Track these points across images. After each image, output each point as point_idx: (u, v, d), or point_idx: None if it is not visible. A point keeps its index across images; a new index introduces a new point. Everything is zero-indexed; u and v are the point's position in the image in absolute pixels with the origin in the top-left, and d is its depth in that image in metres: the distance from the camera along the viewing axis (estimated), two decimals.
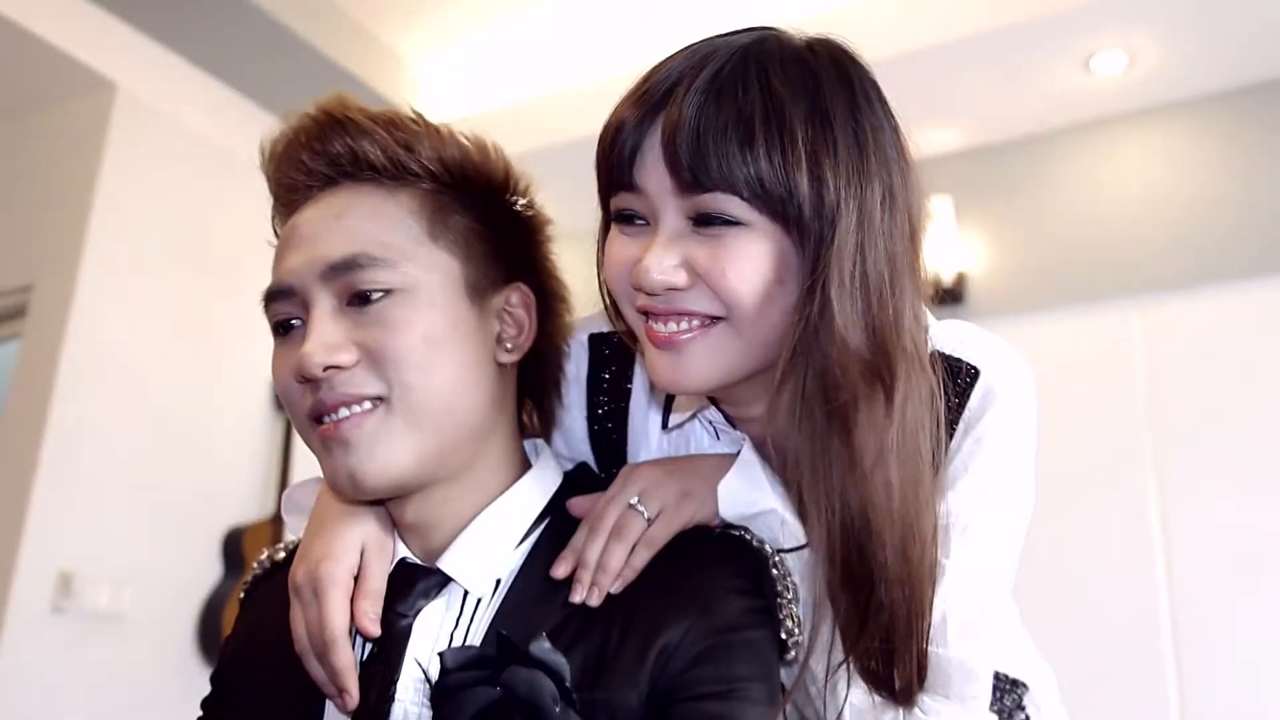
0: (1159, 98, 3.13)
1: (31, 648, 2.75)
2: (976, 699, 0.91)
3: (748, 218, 0.81)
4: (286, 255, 0.87)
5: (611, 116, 0.87)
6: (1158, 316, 2.98)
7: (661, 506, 0.89)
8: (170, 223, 3.24)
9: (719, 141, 0.79)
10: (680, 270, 0.83)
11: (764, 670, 0.84)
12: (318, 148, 0.89)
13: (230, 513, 3.28)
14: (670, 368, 0.85)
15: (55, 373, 2.89)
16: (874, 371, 0.82)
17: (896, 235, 0.84)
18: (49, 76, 3.12)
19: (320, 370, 0.81)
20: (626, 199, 0.86)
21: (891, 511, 0.83)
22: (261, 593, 1.02)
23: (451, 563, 0.87)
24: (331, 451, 0.83)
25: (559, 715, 0.66)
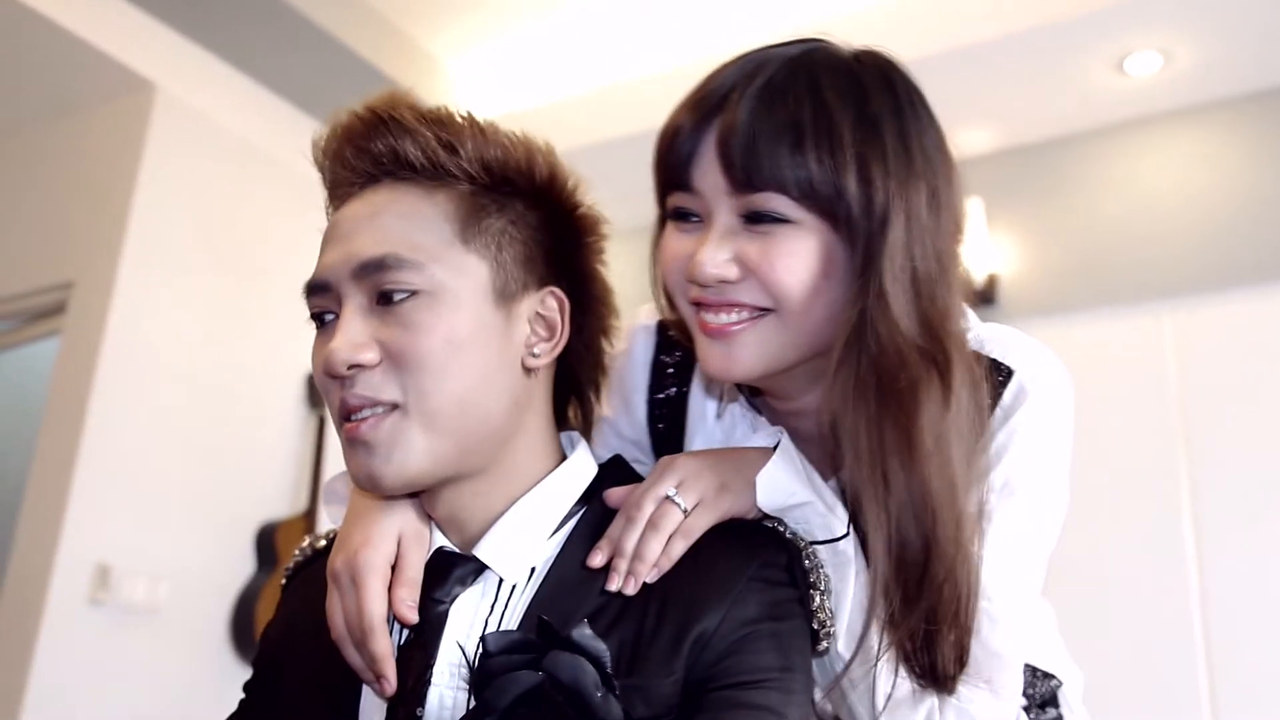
0: (1193, 98, 3.11)
1: (70, 639, 2.79)
2: (1008, 687, 0.92)
3: (796, 216, 0.87)
4: (326, 250, 0.89)
5: (668, 122, 0.93)
6: (1190, 319, 2.96)
7: (699, 498, 0.91)
8: (208, 221, 3.28)
9: (771, 145, 0.85)
10: (732, 264, 0.88)
11: (798, 660, 0.85)
12: (362, 145, 0.91)
13: (264, 508, 3.32)
14: (721, 356, 0.91)
15: (94, 369, 2.94)
16: (930, 357, 0.87)
17: (942, 234, 0.90)
18: (90, 78, 3.16)
19: (344, 368, 0.83)
20: (682, 198, 0.92)
21: (946, 494, 0.86)
22: (302, 579, 1.03)
23: (487, 550, 0.89)
24: (354, 450, 0.85)
25: (600, 700, 0.67)
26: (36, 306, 3.28)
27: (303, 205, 3.58)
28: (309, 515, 3.35)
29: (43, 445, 2.98)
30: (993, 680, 0.91)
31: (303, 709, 0.92)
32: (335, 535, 1.03)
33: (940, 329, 0.88)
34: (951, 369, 0.88)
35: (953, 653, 0.88)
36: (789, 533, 0.91)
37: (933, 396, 0.87)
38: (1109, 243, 3.17)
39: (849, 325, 0.87)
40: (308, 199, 3.89)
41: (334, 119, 0.93)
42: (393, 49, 3.39)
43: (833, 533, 0.92)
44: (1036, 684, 1.10)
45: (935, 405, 0.87)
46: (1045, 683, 1.11)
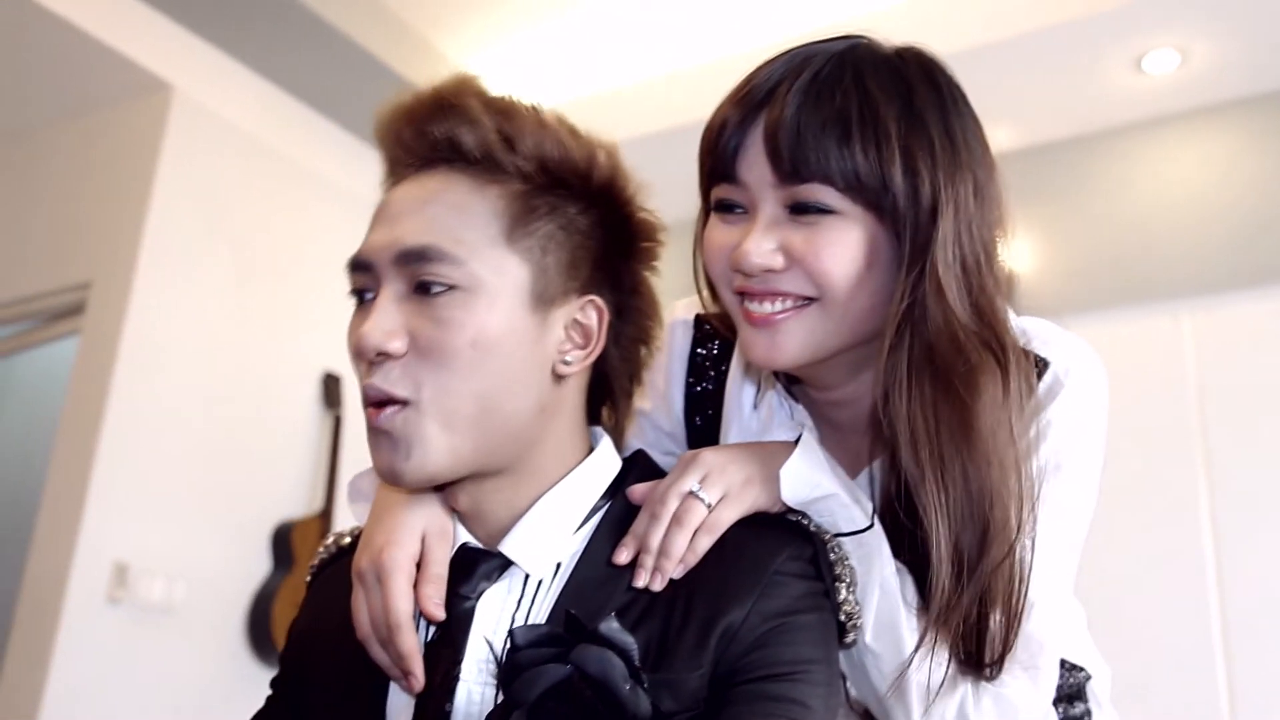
0: (1210, 97, 3.10)
1: (88, 637, 2.81)
2: (1047, 674, 0.93)
3: (841, 207, 0.88)
4: (374, 229, 0.89)
5: (714, 116, 0.95)
6: (1209, 318, 2.95)
7: (723, 493, 0.90)
8: (225, 221, 3.29)
9: (818, 137, 0.87)
10: (777, 254, 0.90)
11: (824, 653, 0.85)
12: (421, 128, 0.90)
13: (280, 508, 3.32)
14: (765, 345, 0.92)
15: (112, 368, 2.95)
16: (986, 343, 0.89)
17: (987, 225, 0.92)
18: (107, 79, 3.18)
19: (372, 354, 0.83)
20: (727, 190, 0.94)
21: (1002, 478, 0.88)
22: (327, 576, 1.03)
23: (512, 546, 0.89)
24: (377, 441, 0.85)
25: (629, 693, 0.67)
26: (55, 307, 3.30)
27: (319, 207, 3.60)
28: (325, 515, 3.35)
29: (61, 445, 2.99)
30: (1032, 667, 0.92)
31: (330, 706, 0.92)
32: (359, 532, 1.03)
33: (992, 315, 0.91)
34: (1009, 355, 0.90)
35: (1000, 636, 0.89)
36: (813, 526, 0.91)
37: (991, 382, 0.89)
38: (1127, 241, 3.16)
39: (899, 312, 0.89)
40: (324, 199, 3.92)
41: (399, 97, 0.92)
42: (408, 49, 3.39)
43: (857, 525, 0.92)
44: (1065, 676, 1.10)
45: (994, 390, 0.89)
46: (1074, 675, 1.10)
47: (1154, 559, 2.84)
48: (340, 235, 3.63)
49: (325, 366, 3.53)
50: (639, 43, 3.38)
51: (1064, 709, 1.09)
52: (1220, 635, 2.72)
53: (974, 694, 0.91)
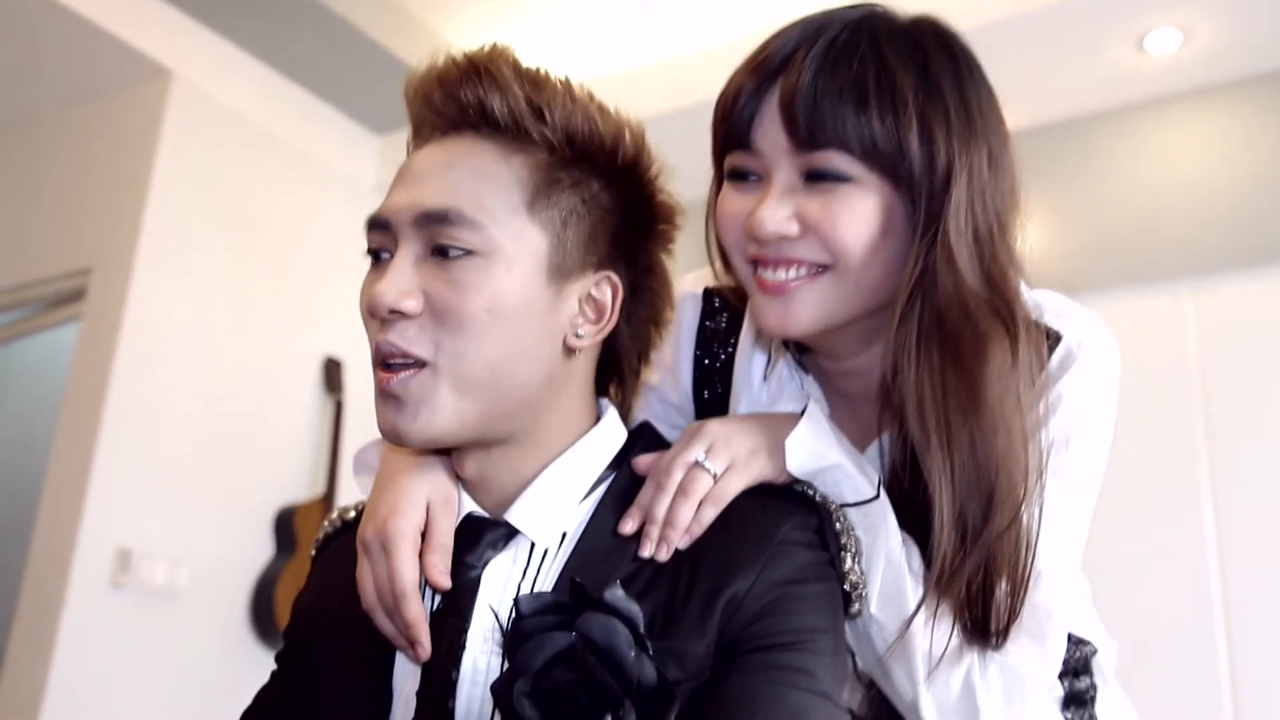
0: (1213, 76, 3.08)
1: (92, 622, 2.81)
2: (1054, 644, 0.93)
3: (857, 174, 0.88)
4: (395, 189, 0.88)
5: (729, 83, 0.94)
6: (1211, 298, 2.94)
7: (729, 463, 0.90)
8: (225, 206, 3.29)
9: (835, 104, 0.87)
10: (792, 221, 0.90)
11: (830, 622, 0.85)
12: (451, 91, 0.89)
13: (282, 492, 3.33)
14: (778, 313, 0.92)
15: (113, 354, 2.95)
16: (995, 311, 0.89)
17: (1000, 195, 0.92)
18: (107, 65, 3.17)
19: (385, 311, 0.83)
20: (741, 158, 0.93)
21: (1009, 446, 0.88)
22: (332, 550, 1.03)
23: (518, 515, 0.89)
24: (384, 402, 0.85)
25: (634, 660, 0.67)
26: (56, 293, 3.30)
27: (319, 192, 3.59)
28: (327, 499, 3.36)
29: (63, 430, 2.99)
30: (1039, 636, 0.92)
31: (337, 677, 0.92)
32: (364, 506, 1.02)
33: (1003, 284, 0.91)
34: (1018, 323, 0.90)
35: (1006, 605, 0.89)
36: (819, 496, 0.91)
37: (1000, 350, 0.89)
38: (1129, 222, 3.15)
39: (911, 279, 0.89)
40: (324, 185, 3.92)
41: (433, 59, 0.92)
42: (409, 34, 3.38)
43: (862, 495, 0.92)
44: (1071, 650, 1.10)
45: (1002, 358, 0.89)
46: (1080, 649, 1.11)
47: (1156, 539, 2.84)
48: (340, 220, 3.64)
49: (326, 351, 3.53)
50: (640, 26, 3.36)
51: (1070, 682, 1.09)
52: (1222, 616, 2.72)
53: (980, 664, 0.91)
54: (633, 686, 0.67)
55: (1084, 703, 1.10)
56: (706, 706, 0.77)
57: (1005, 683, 0.91)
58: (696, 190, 0.98)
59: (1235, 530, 2.77)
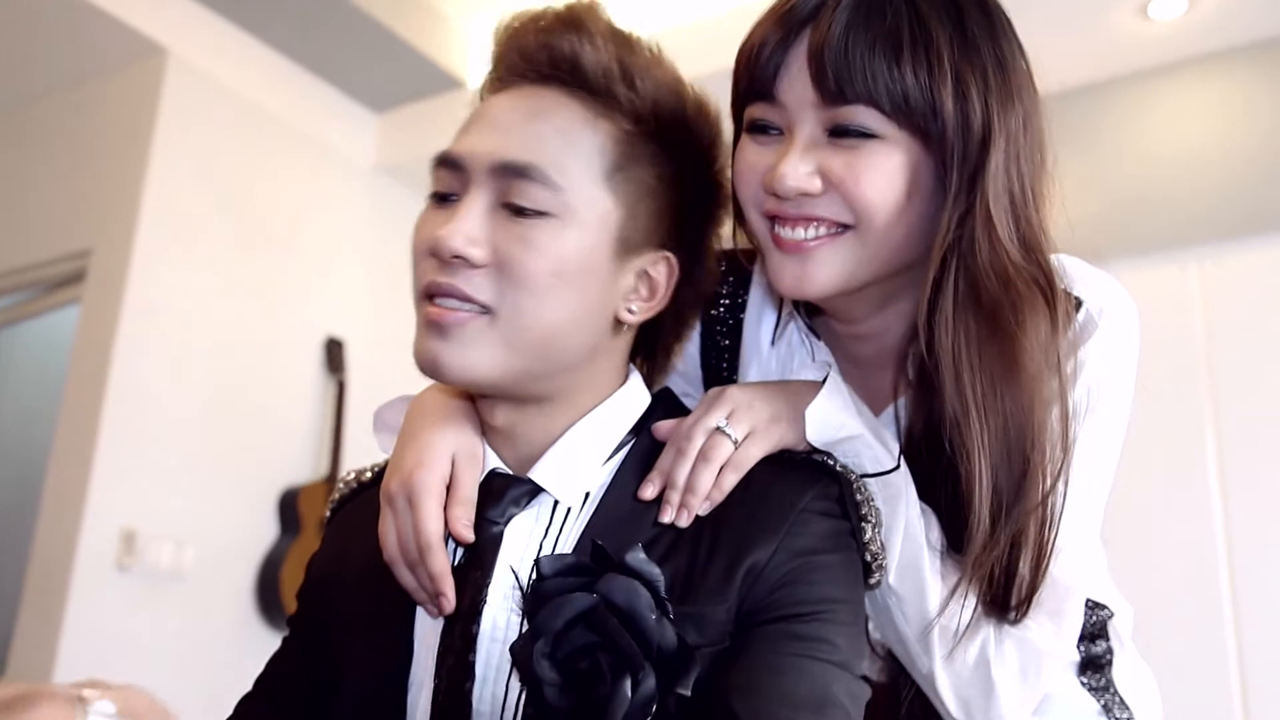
0: (1219, 43, 3.06)
1: (98, 604, 2.81)
2: (1068, 616, 0.92)
3: (884, 131, 0.86)
4: (472, 131, 0.87)
5: (753, 33, 0.91)
6: (1217, 267, 2.93)
7: (749, 429, 0.89)
8: (223, 186, 3.27)
9: (866, 57, 0.84)
10: (814, 177, 0.87)
11: (850, 592, 0.84)
12: (545, 40, 0.88)
13: (286, 473, 3.33)
14: (795, 273, 0.90)
15: (114, 336, 2.94)
16: (1033, 280, 0.87)
17: (1034, 161, 0.90)
18: (102, 44, 3.15)
19: (449, 255, 0.82)
20: (763, 110, 0.91)
21: (1044, 417, 0.87)
22: (349, 510, 1.03)
23: (542, 473, 0.88)
24: (428, 332, 0.84)
25: (654, 623, 0.66)
26: (56, 275, 3.28)
27: (319, 170, 3.57)
28: (330, 479, 3.36)
29: (66, 413, 2.99)
30: (1056, 612, 0.91)
31: (358, 634, 0.91)
32: (379, 467, 1.04)
33: (1040, 252, 0.88)
34: (1056, 291, 0.88)
35: (1028, 579, 0.88)
36: (839, 465, 0.90)
37: (1039, 319, 0.87)
38: (1134, 191, 3.13)
39: (944, 245, 0.86)
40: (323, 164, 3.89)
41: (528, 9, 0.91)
42: (406, 9, 3.35)
43: (882, 465, 0.91)
44: (1088, 615, 1.09)
45: (1042, 328, 0.87)
46: (1097, 613, 1.10)
47: (1161, 508, 2.83)
48: (340, 200, 3.62)
49: (328, 331, 3.52)
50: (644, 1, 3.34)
51: (1086, 646, 1.09)
52: (1227, 585, 2.72)
53: (996, 638, 0.90)
54: (653, 649, 0.67)
55: (1100, 667, 1.09)
56: (726, 675, 0.77)
57: (1021, 657, 0.91)
58: None
59: (1241, 499, 2.76)
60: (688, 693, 0.70)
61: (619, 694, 0.64)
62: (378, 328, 3.65)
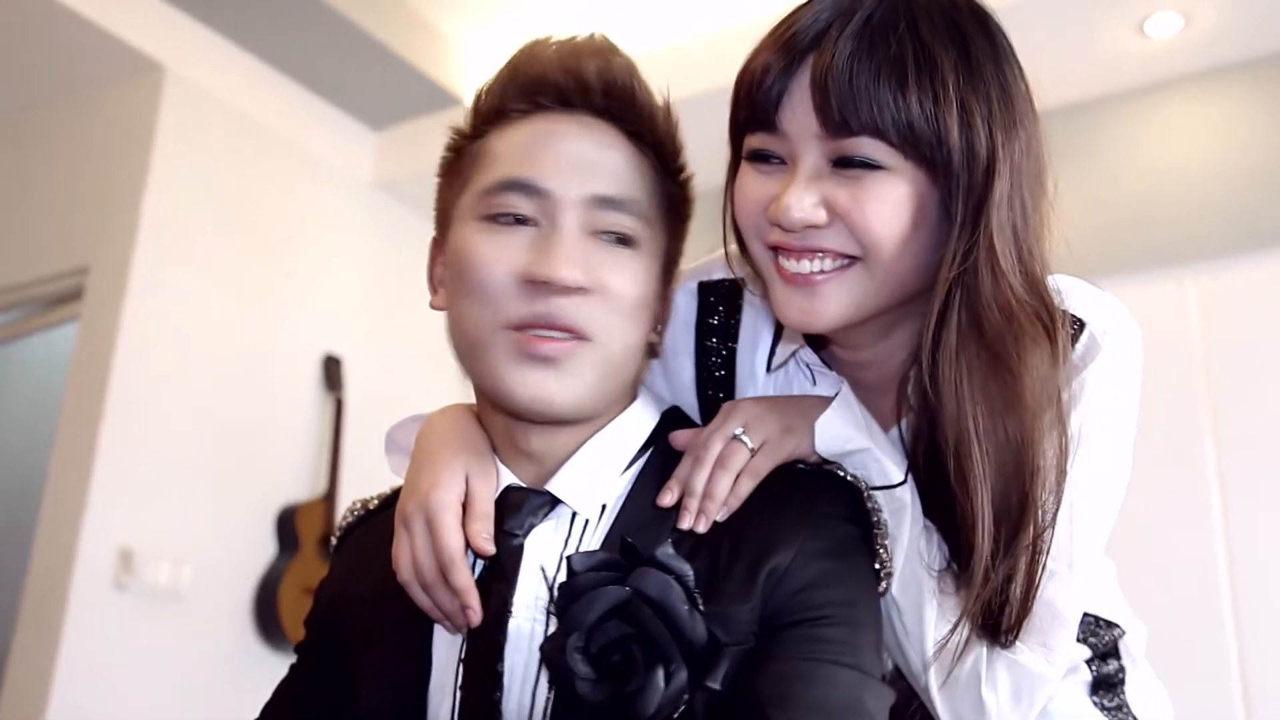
0: (1215, 60, 3.08)
1: (95, 623, 2.79)
2: (1061, 647, 0.92)
3: (890, 162, 0.84)
4: (547, 161, 0.88)
5: (753, 60, 0.89)
6: (1214, 284, 2.94)
7: (764, 439, 0.91)
8: (221, 202, 3.27)
9: (871, 87, 0.82)
10: (819, 209, 0.85)
11: (869, 595, 0.86)
12: (605, 74, 0.91)
13: (284, 492, 3.31)
14: (802, 307, 0.89)
15: (112, 353, 2.93)
16: (1036, 314, 0.86)
17: (1037, 187, 0.89)
18: (99, 60, 3.15)
19: (560, 286, 0.84)
20: (764, 139, 0.89)
21: (1045, 449, 0.86)
22: (358, 537, 1.04)
23: (561, 484, 0.89)
24: (530, 367, 0.85)
25: (688, 616, 0.66)
26: (53, 293, 3.27)
27: (316, 187, 3.58)
28: (329, 498, 3.34)
29: (63, 431, 2.97)
30: (1047, 638, 0.90)
31: (374, 656, 0.92)
32: (385, 496, 1.05)
33: (1041, 283, 0.87)
34: (1057, 325, 0.87)
35: (1018, 604, 0.87)
36: (849, 475, 0.92)
37: (1040, 355, 0.86)
38: (1131, 207, 3.15)
39: (949, 279, 0.85)
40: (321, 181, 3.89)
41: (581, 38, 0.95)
42: (403, 27, 3.36)
43: (889, 479, 0.92)
44: (1100, 633, 1.09)
45: (1043, 362, 0.86)
46: (1108, 631, 1.09)
47: (1161, 525, 2.83)
48: (338, 217, 3.62)
49: (326, 349, 3.51)
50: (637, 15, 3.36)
51: (1098, 666, 1.08)
52: (1229, 602, 2.72)
53: (988, 658, 0.90)
54: (685, 641, 0.67)
55: (1113, 686, 1.09)
56: (757, 683, 0.77)
57: (1013, 680, 0.90)
58: None
59: (1241, 515, 2.76)
60: (718, 686, 0.70)
61: (652, 684, 0.65)
62: (376, 345, 3.65)
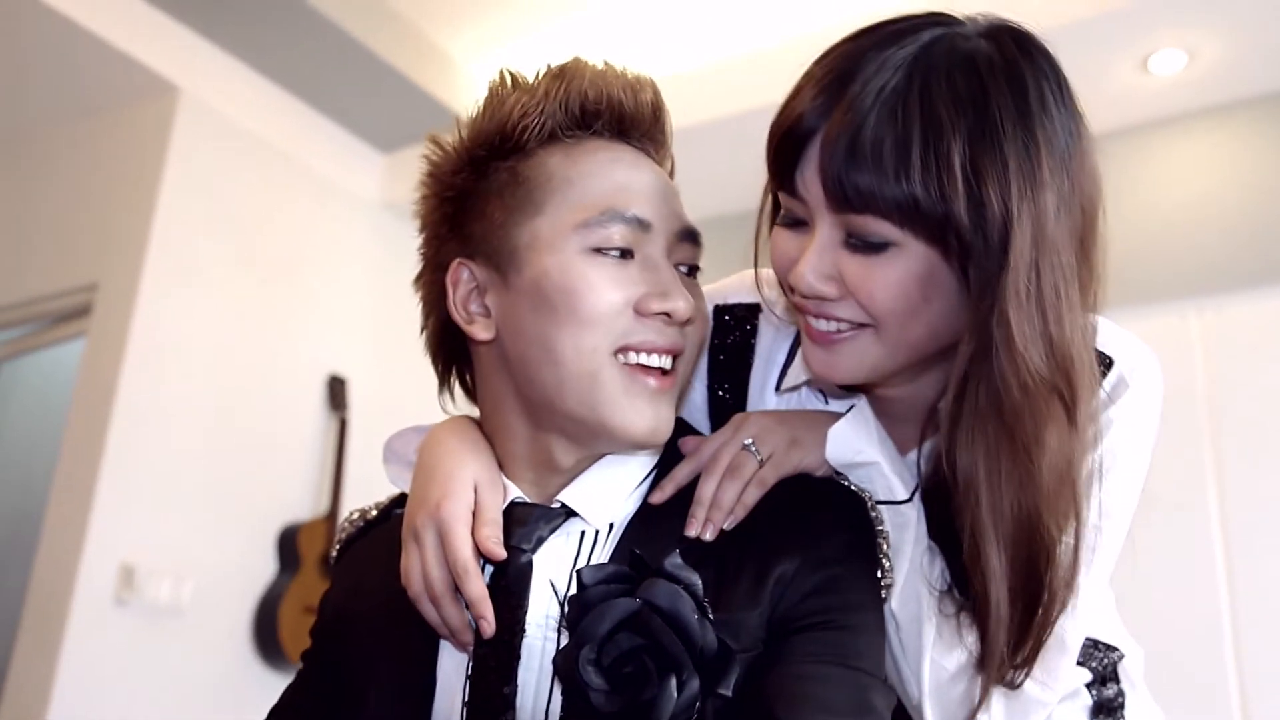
0: (1218, 97, 3.10)
1: (95, 638, 2.79)
2: (1059, 673, 0.92)
3: (898, 239, 0.83)
4: (643, 193, 0.91)
5: (782, 115, 0.89)
6: (1218, 318, 2.95)
7: (772, 450, 0.92)
8: (231, 222, 3.29)
9: (873, 168, 0.81)
10: (831, 282, 0.87)
11: (874, 600, 0.87)
12: (657, 104, 0.96)
13: (286, 510, 3.31)
14: (822, 362, 0.91)
15: (119, 370, 2.94)
16: (1056, 390, 0.84)
17: (1070, 242, 0.85)
18: (114, 80, 3.18)
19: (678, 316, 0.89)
20: (789, 201, 0.90)
21: (1067, 519, 0.86)
22: (359, 548, 1.04)
23: (574, 496, 0.90)
24: (641, 396, 0.87)
25: (698, 624, 0.67)
26: (61, 309, 3.29)
27: (325, 208, 3.60)
28: (331, 517, 3.34)
29: (68, 446, 2.98)
30: (1049, 666, 0.91)
31: (381, 669, 0.92)
32: (384, 506, 1.05)
33: (1066, 354, 0.84)
34: (1078, 402, 0.85)
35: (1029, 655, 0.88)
36: (854, 487, 0.93)
37: (1059, 430, 0.84)
38: (1135, 241, 3.16)
39: (967, 356, 0.84)
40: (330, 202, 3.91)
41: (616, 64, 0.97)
42: (413, 51, 3.39)
43: (894, 495, 0.93)
44: (1099, 655, 1.09)
45: (1061, 439, 0.85)
46: (1107, 654, 1.10)
47: (1164, 558, 2.83)
48: (346, 238, 3.64)
49: (331, 369, 3.52)
50: (645, 44, 3.39)
51: (1097, 691, 1.09)
52: (1230, 634, 2.71)
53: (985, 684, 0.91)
54: (697, 650, 0.68)
55: (1113, 710, 1.09)
56: (766, 684, 0.78)
57: (1007, 705, 0.91)
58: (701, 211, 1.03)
59: (1243, 548, 2.76)
60: (729, 693, 0.71)
61: (665, 694, 0.65)
62: (381, 366, 3.66)
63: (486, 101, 0.95)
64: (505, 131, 0.92)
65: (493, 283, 0.91)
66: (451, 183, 0.94)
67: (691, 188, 1.04)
